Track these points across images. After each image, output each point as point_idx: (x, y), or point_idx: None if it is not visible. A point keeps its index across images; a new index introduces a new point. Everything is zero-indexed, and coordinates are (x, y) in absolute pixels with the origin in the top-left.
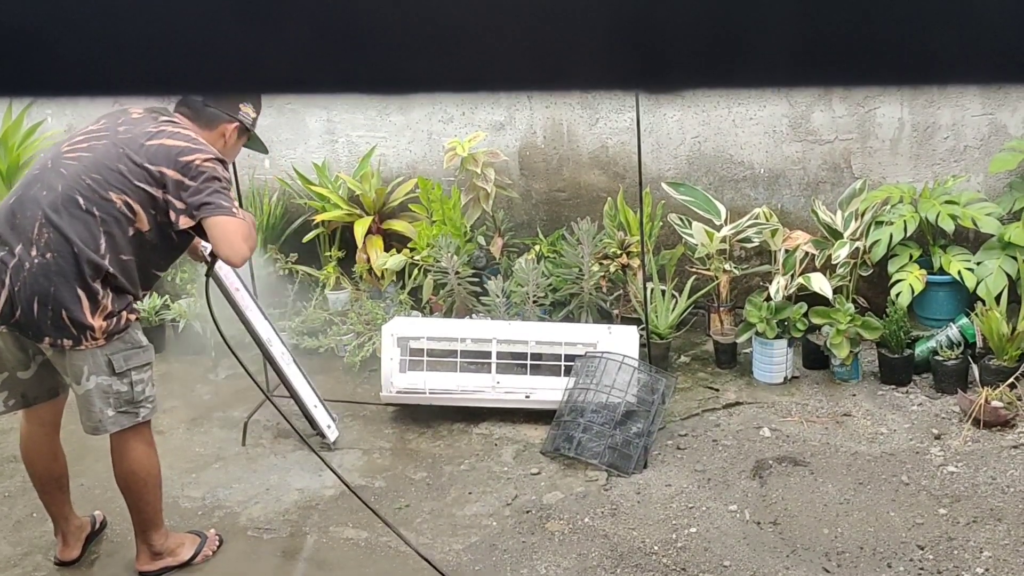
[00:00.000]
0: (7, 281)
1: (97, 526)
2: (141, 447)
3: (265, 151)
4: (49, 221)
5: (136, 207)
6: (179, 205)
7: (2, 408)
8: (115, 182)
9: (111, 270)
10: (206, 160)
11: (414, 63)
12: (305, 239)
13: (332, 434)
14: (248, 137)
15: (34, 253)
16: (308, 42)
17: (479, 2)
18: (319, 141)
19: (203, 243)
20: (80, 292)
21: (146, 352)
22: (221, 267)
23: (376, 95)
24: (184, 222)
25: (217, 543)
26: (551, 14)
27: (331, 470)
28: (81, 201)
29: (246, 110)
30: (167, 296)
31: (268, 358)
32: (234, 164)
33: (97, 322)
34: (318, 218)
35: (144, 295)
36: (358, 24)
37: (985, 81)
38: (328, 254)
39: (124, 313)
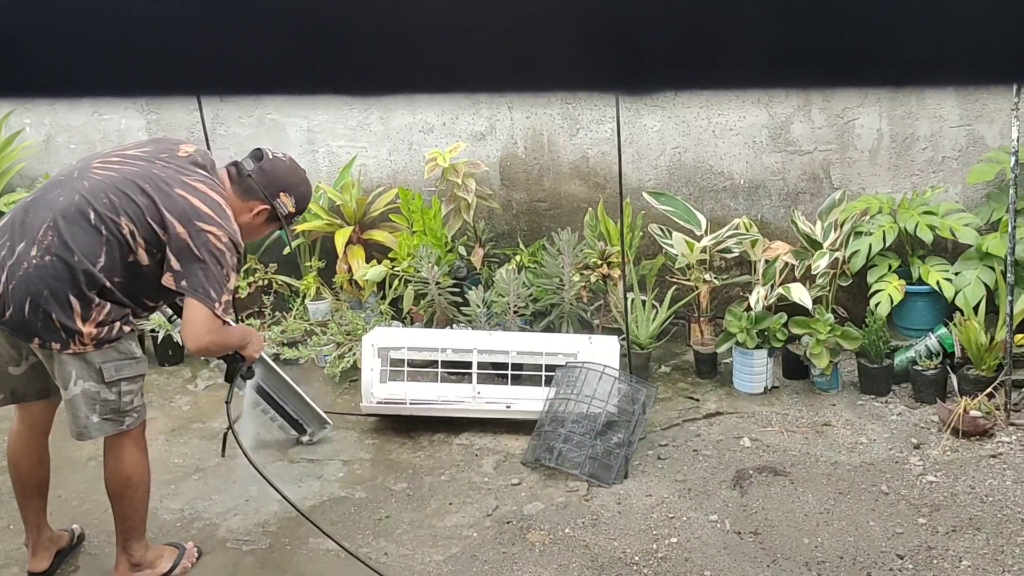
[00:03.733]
0: (2, 279)
1: (74, 540)
2: (137, 452)
3: (288, 247)
4: (56, 225)
5: (140, 240)
6: (173, 263)
7: None
8: (130, 210)
9: (107, 284)
10: (219, 238)
11: (388, 65)
12: (285, 250)
13: (321, 433)
14: (278, 227)
15: (34, 252)
16: (281, 44)
17: (454, 3)
18: (299, 151)
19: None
20: (72, 298)
21: (139, 364)
22: None
23: (349, 96)
24: (167, 280)
25: (196, 555)
26: (527, 15)
27: (271, 485)
28: (92, 215)
29: (285, 200)
30: None
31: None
32: None
33: (87, 328)
34: (298, 228)
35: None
36: (331, 26)
37: (959, 83)
38: (308, 264)
39: (118, 323)
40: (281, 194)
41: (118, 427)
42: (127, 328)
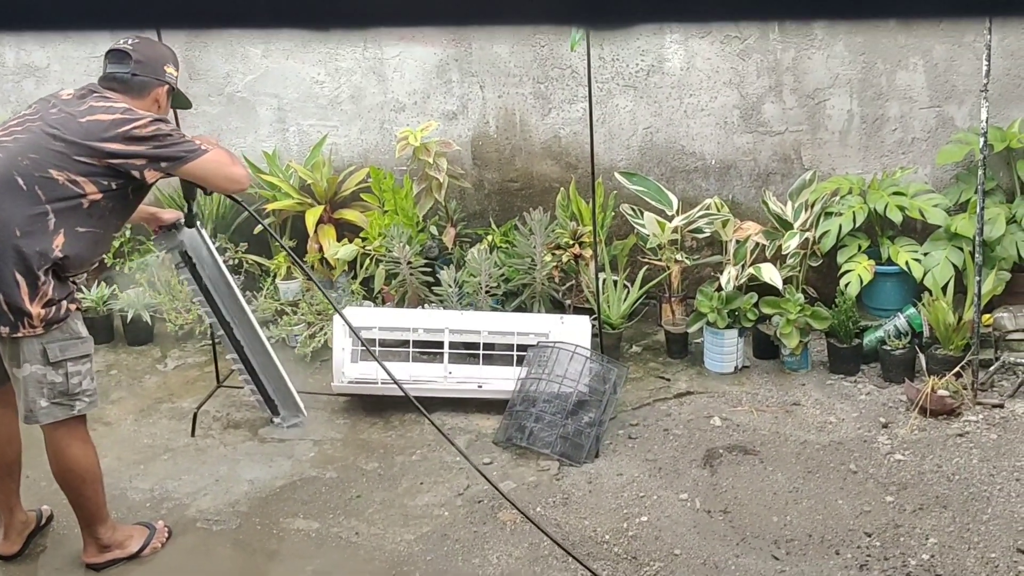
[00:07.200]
0: None
1: (43, 521)
2: (76, 444)
3: (189, 105)
4: None
5: (80, 180)
6: (137, 162)
7: None
8: (55, 160)
9: (59, 254)
10: (146, 124)
11: None
12: (256, 229)
13: (292, 420)
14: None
15: None
16: None
17: None
18: (269, 130)
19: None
20: (19, 277)
21: (84, 344)
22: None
23: (309, 30)
24: (151, 175)
25: (166, 535)
26: None
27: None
28: (21, 181)
29: (169, 70)
30: (115, 286)
31: (232, 340)
32: None
33: (36, 309)
34: (269, 207)
35: (87, 275)
36: None
37: (932, 14)
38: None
39: (64, 302)
40: (165, 67)
41: (69, 412)
42: (72, 307)
